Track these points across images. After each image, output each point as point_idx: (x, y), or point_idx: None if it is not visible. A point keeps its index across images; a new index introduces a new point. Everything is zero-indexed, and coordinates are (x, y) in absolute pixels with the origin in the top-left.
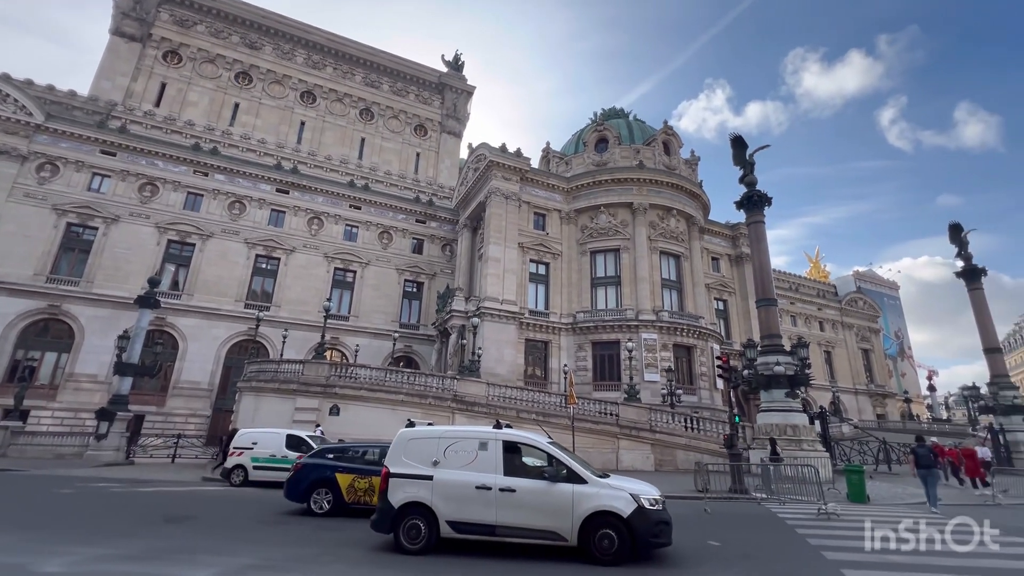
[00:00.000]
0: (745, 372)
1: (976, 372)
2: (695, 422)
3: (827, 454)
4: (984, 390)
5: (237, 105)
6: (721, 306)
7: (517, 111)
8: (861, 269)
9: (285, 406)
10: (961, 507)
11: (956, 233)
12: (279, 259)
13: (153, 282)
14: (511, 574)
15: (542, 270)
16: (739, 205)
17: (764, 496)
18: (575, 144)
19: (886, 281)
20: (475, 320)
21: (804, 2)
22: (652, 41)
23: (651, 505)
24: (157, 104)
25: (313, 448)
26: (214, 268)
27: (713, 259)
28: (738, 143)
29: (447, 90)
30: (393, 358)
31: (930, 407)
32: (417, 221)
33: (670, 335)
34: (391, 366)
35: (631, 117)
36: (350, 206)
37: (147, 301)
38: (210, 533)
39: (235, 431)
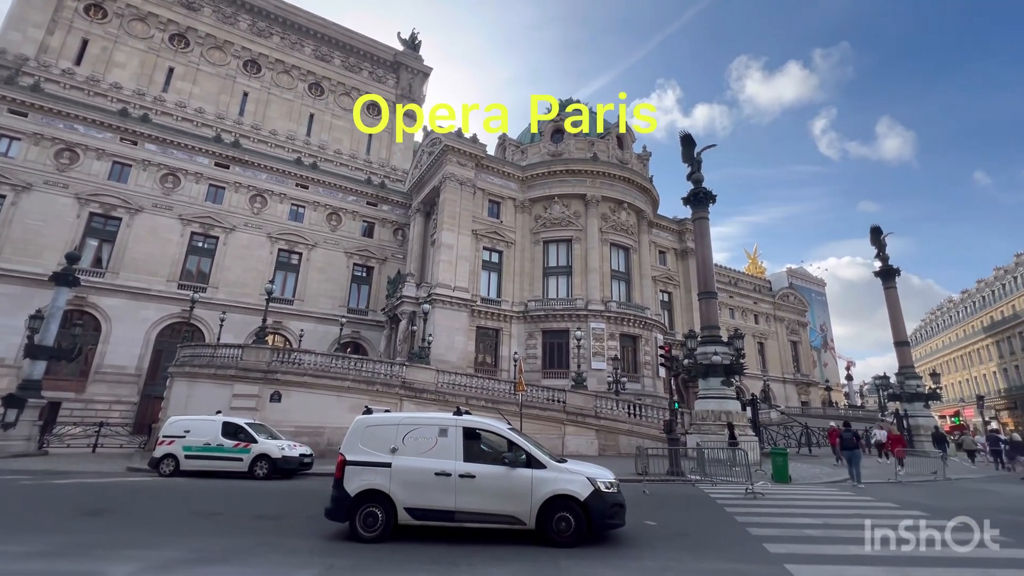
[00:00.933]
0: (686, 361)
1: (887, 363)
2: (638, 409)
3: (756, 438)
4: (893, 379)
5: (172, 70)
6: (666, 298)
7: (475, 97)
8: (793, 266)
9: (222, 392)
10: (873, 485)
11: (876, 235)
12: (217, 238)
13: (72, 258)
14: (467, 557)
15: (495, 258)
16: (686, 201)
17: (698, 478)
18: (531, 133)
19: (815, 278)
20: (426, 306)
21: (750, 12)
22: (610, 37)
23: (607, 488)
24: (78, 62)
25: (253, 436)
26: (144, 245)
27: (660, 252)
28: (687, 141)
29: (402, 69)
30: (340, 344)
31: (847, 395)
32: (368, 204)
33: (617, 325)
34: (338, 352)
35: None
36: (296, 185)
37: (64, 278)
38: (133, 526)
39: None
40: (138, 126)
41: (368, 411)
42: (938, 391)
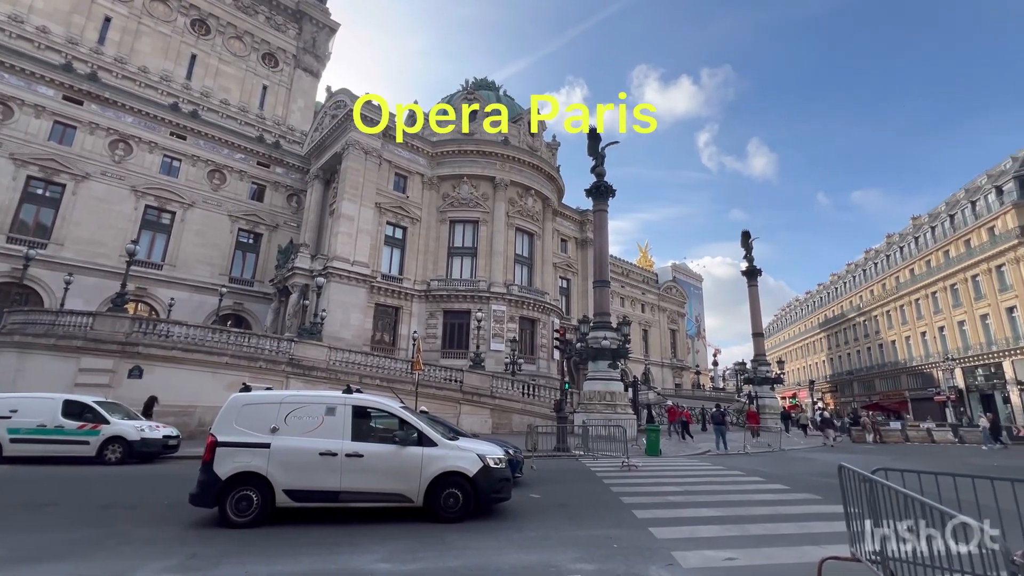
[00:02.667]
0: (578, 345)
1: (745, 351)
2: (532, 389)
3: (634, 416)
4: (749, 366)
5: None
6: (565, 284)
7: (383, 66)
8: (677, 262)
9: (64, 367)
10: (723, 456)
11: (746, 239)
12: (64, 185)
13: None
14: (350, 537)
15: (399, 234)
16: (588, 193)
17: (582, 453)
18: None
19: (694, 274)
20: (320, 280)
21: (651, 24)
22: (527, 23)
23: (495, 464)
24: None
25: (103, 416)
26: None
27: (562, 241)
28: (593, 135)
29: (306, 20)
30: (219, 316)
31: (712, 378)
32: (259, 164)
33: (518, 308)
34: (215, 324)
35: (502, 92)
36: (172, 134)
37: None
38: None
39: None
40: None
41: (246, 388)
42: (782, 376)
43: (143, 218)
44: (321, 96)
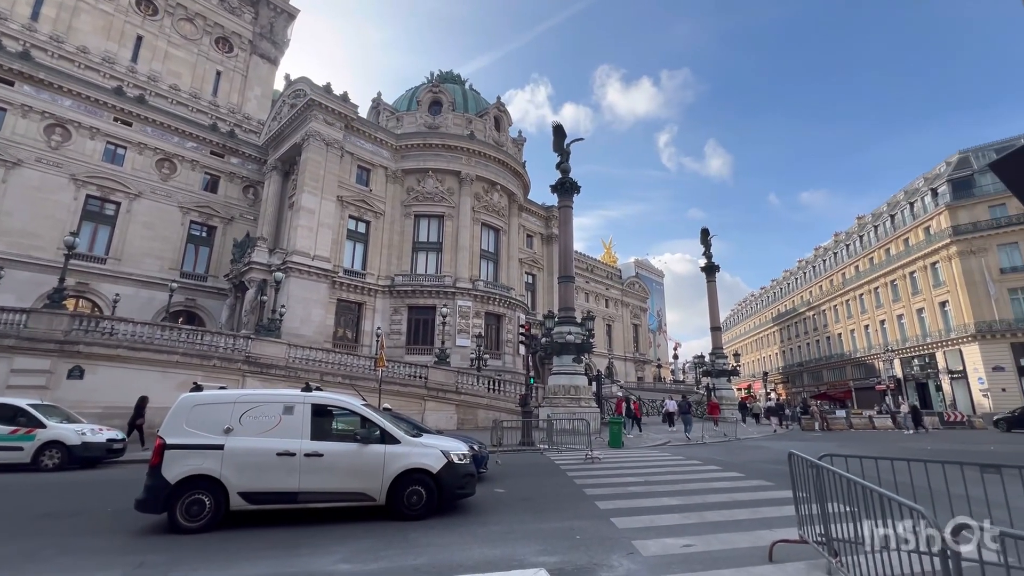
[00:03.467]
0: (543, 340)
1: (703, 345)
2: (497, 384)
3: (598, 410)
4: (707, 359)
5: None
6: (530, 280)
7: (345, 55)
8: (640, 258)
9: None
10: (682, 446)
11: (705, 236)
12: None
13: None
14: (309, 539)
15: (362, 228)
16: (553, 189)
17: (547, 447)
18: (408, 101)
19: (656, 270)
20: (279, 275)
21: (614, 25)
22: (493, 18)
23: (459, 460)
24: None
25: (39, 420)
26: None
27: (528, 236)
28: (559, 131)
29: (263, 4)
30: (169, 312)
31: (673, 371)
32: (213, 154)
33: (483, 303)
34: (165, 322)
35: (467, 85)
36: (116, 119)
37: None
38: None
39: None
40: None
41: (197, 388)
42: (737, 368)
43: (84, 209)
44: (279, 84)
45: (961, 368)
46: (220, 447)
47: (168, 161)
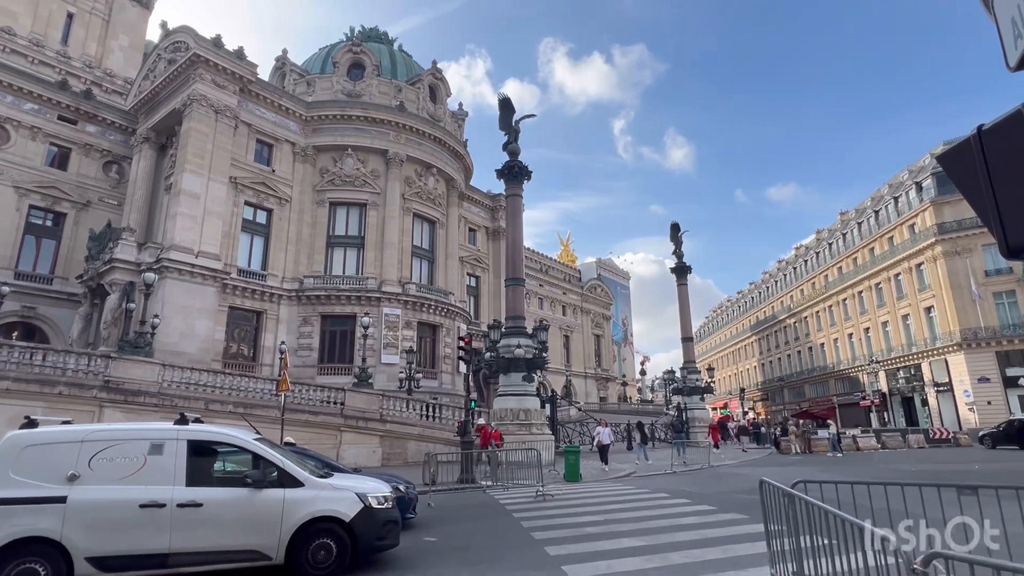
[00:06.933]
0: (487, 355)
1: (672, 359)
2: (433, 409)
3: (552, 437)
4: (678, 374)
5: None
6: (473, 282)
7: (244, 11)
8: (603, 258)
9: None
10: (648, 477)
11: (675, 232)
12: None
13: None
14: None
15: (262, 217)
16: (500, 174)
17: (490, 483)
18: (322, 62)
19: (621, 271)
20: (151, 276)
21: None
22: None
23: (380, 504)
24: None
25: None
26: None
27: (471, 230)
28: (506, 105)
29: None
30: None
31: (640, 390)
32: (62, 119)
33: (416, 311)
34: None
35: (396, 46)
36: None
37: None
38: None
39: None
40: None
41: (30, 423)
42: (712, 384)
43: None
44: (153, 34)
45: (947, 380)
46: (62, 499)
47: None
